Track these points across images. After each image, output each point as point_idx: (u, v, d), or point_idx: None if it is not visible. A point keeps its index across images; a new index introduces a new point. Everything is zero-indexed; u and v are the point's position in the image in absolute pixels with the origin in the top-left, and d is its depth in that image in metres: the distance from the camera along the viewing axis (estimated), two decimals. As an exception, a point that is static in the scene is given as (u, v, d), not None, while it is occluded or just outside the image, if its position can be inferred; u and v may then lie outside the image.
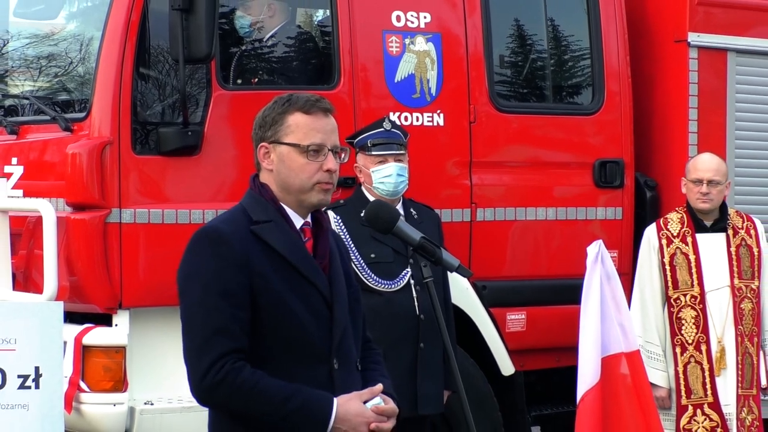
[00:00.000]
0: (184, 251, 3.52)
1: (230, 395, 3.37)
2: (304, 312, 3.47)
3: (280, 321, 3.45)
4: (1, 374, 5.40)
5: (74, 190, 5.87)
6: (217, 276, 3.42)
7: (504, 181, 6.75)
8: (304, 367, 3.46)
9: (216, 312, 3.41)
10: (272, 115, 3.56)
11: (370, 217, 3.96)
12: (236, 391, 3.37)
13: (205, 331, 3.41)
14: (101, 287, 5.84)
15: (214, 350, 3.38)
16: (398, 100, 6.42)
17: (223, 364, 3.36)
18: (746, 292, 6.37)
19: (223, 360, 3.37)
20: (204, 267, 3.45)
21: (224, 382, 3.36)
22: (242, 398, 3.37)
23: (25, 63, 6.97)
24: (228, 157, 6.02)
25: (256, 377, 3.37)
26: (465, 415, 3.83)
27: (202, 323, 3.43)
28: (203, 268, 3.45)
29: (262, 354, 3.44)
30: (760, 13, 7.40)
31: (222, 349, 3.38)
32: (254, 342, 3.44)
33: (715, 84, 7.22)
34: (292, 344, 3.46)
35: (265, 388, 3.37)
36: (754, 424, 6.36)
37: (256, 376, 3.37)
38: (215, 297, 3.41)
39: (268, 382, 3.38)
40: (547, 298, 6.78)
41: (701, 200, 6.36)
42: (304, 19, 6.71)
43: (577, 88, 7.22)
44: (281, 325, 3.45)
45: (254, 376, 3.37)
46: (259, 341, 3.44)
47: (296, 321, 3.46)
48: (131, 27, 5.88)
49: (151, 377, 5.88)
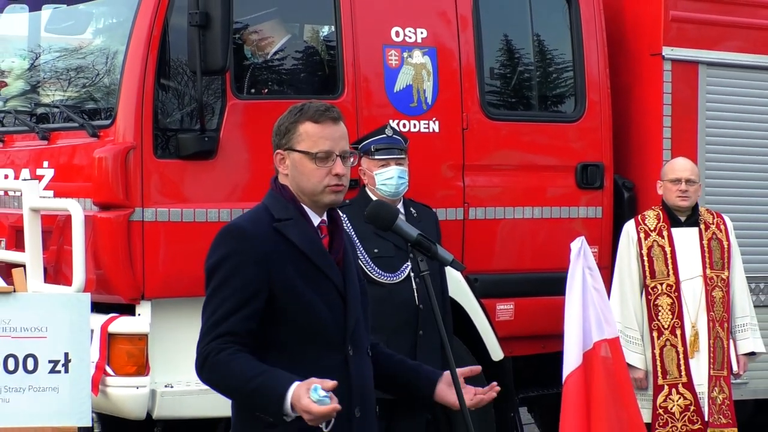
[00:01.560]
0: (210, 246, 3.53)
1: (209, 373, 3.41)
2: (320, 303, 3.47)
3: (299, 311, 3.45)
4: (34, 359, 5.41)
5: (100, 191, 5.87)
6: (235, 270, 3.43)
7: (494, 183, 6.75)
8: (322, 355, 3.46)
9: (226, 302, 3.42)
10: (286, 124, 3.57)
11: (371, 216, 3.95)
12: (213, 370, 3.39)
13: (212, 318, 3.43)
14: (125, 280, 5.83)
15: (210, 335, 3.41)
16: (397, 108, 6.42)
17: (209, 347, 3.39)
18: (717, 281, 6.38)
19: (212, 343, 3.39)
20: (225, 261, 3.45)
21: (206, 361, 3.40)
22: (217, 376, 3.40)
23: (55, 74, 6.96)
24: (241, 160, 6.02)
25: (230, 358, 3.36)
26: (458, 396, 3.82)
27: (212, 311, 3.44)
28: (225, 262, 3.45)
29: (281, 342, 3.44)
30: (729, 29, 7.39)
31: (215, 334, 3.40)
32: (274, 331, 3.44)
33: (687, 94, 7.21)
34: (309, 333, 3.46)
35: (235, 367, 3.36)
36: (725, 402, 6.36)
37: (232, 356, 3.36)
38: (230, 289, 3.42)
39: (240, 362, 3.36)
40: (534, 290, 6.77)
41: (681, 198, 6.38)
42: (311, 34, 6.71)
43: (560, 97, 7.21)
44: (299, 315, 3.45)
45: (230, 356, 3.36)
46: (279, 330, 3.45)
47: (313, 311, 3.46)
48: (153, 42, 5.88)
49: (171, 362, 5.87)
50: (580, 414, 5.61)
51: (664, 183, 6.45)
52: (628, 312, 6.35)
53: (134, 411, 5.82)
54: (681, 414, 6.28)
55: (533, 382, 6.92)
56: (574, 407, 5.60)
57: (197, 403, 5.82)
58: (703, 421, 6.29)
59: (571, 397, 5.60)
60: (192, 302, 5.57)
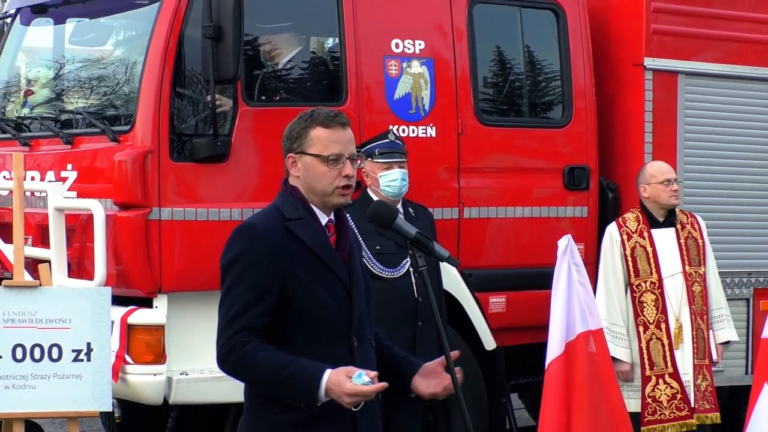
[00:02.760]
0: (225, 244, 3.52)
1: (235, 365, 3.40)
2: (328, 297, 3.47)
3: (307, 305, 3.45)
4: (58, 349, 5.42)
5: (120, 192, 5.87)
6: (249, 266, 3.42)
7: (487, 184, 6.74)
8: (328, 345, 3.46)
9: (242, 298, 3.41)
10: (297, 129, 3.56)
11: (373, 215, 3.95)
12: (239, 362, 3.38)
13: (230, 312, 3.42)
14: (143, 275, 5.83)
15: (232, 329, 3.40)
16: (397, 115, 6.42)
17: (232, 340, 3.38)
18: (696, 277, 6.38)
19: (235, 336, 3.38)
20: (240, 258, 3.45)
21: (231, 353, 3.38)
22: (244, 368, 3.39)
23: (78, 83, 6.96)
24: (252, 163, 6.01)
25: (257, 350, 3.37)
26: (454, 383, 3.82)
27: (229, 306, 3.43)
28: (240, 260, 3.45)
29: (291, 333, 3.44)
30: (706, 41, 7.39)
31: (236, 328, 3.39)
32: (284, 323, 3.44)
33: (667, 102, 7.21)
34: (317, 325, 3.46)
35: (263, 358, 3.36)
36: (708, 389, 6.35)
37: (258, 348, 3.37)
38: (245, 285, 3.42)
39: (267, 353, 3.37)
40: (524, 284, 6.77)
41: (674, 197, 6.38)
42: (317, 45, 6.71)
43: (549, 104, 7.21)
44: (308, 308, 3.45)
45: (256, 349, 3.37)
46: (288, 322, 3.44)
47: (321, 305, 3.46)
48: (169, 53, 5.88)
49: (186, 351, 5.87)
50: (560, 399, 5.60)
51: (653, 185, 6.40)
52: (613, 309, 6.34)
53: (152, 397, 5.82)
54: (669, 402, 6.26)
55: (524, 370, 6.92)
56: (554, 393, 5.58)
57: (210, 389, 5.83)
58: (690, 408, 6.27)
59: (552, 383, 5.59)
60: (206, 296, 5.58)
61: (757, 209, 7.52)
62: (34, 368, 5.37)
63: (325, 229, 3.56)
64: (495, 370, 6.66)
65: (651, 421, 6.22)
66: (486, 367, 6.61)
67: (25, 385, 5.38)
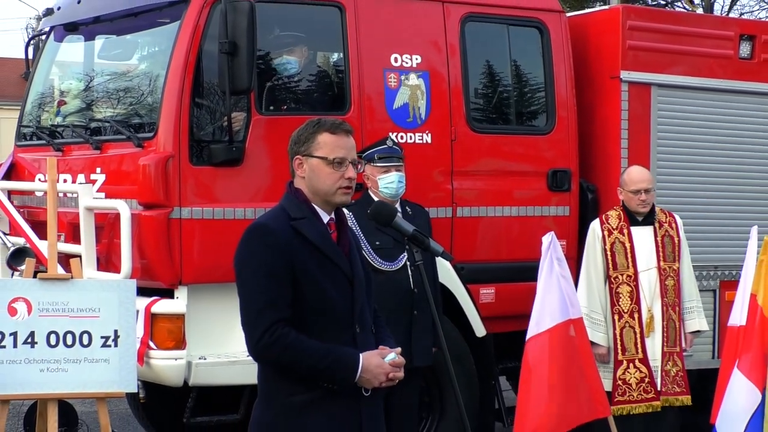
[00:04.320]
0: (239, 242, 3.51)
1: (281, 353, 3.40)
2: (332, 288, 3.47)
3: (314, 296, 3.45)
4: (88, 335, 5.42)
5: (144, 193, 5.87)
6: (265, 261, 3.42)
7: (478, 186, 6.73)
8: (334, 332, 3.47)
9: (266, 289, 3.41)
10: (305, 134, 3.56)
11: (373, 214, 3.95)
12: (286, 350, 3.39)
13: (258, 304, 3.41)
14: (165, 268, 5.83)
15: (267, 319, 3.39)
16: (396, 123, 6.41)
17: (275, 330, 3.37)
18: (669, 272, 6.36)
19: (274, 327, 3.38)
20: (255, 254, 3.45)
21: (276, 343, 3.38)
22: (291, 355, 3.39)
23: (106, 94, 6.95)
24: (264, 167, 6.01)
25: (300, 339, 3.39)
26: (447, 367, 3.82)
27: (256, 299, 3.42)
28: (255, 255, 3.45)
29: (300, 321, 3.44)
30: (676, 56, 7.38)
31: (272, 318, 3.38)
32: (295, 312, 3.44)
33: (642, 111, 7.20)
34: (323, 314, 3.47)
35: (308, 347, 3.39)
36: (678, 374, 6.33)
37: (301, 338, 3.39)
38: (265, 278, 3.41)
39: (310, 342, 3.40)
40: (512, 277, 6.75)
41: (641, 206, 6.38)
42: (322, 60, 6.70)
43: (534, 113, 7.20)
44: (314, 298, 3.45)
45: (299, 338, 3.39)
46: (297, 311, 3.44)
47: (326, 295, 3.46)
48: (189, 66, 5.88)
49: (205, 338, 5.86)
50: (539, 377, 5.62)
51: (625, 192, 6.41)
52: (593, 298, 6.34)
53: (173, 379, 5.82)
54: (637, 385, 6.27)
55: (511, 355, 6.90)
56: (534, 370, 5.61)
57: (226, 372, 5.83)
58: (656, 391, 6.27)
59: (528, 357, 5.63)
60: (223, 287, 5.58)
61: (723, 209, 7.52)
62: (66, 353, 5.37)
63: (327, 227, 3.56)
64: (485, 355, 6.66)
65: (620, 401, 6.23)
66: (477, 352, 6.61)
67: (59, 369, 5.38)
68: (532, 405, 5.54)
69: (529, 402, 5.55)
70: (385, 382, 3.45)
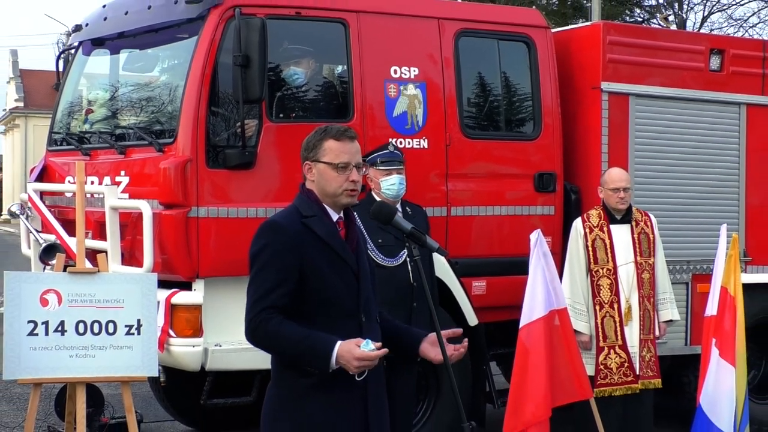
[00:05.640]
0: (254, 237, 3.50)
1: (261, 338, 3.39)
2: (339, 282, 3.46)
3: (323, 288, 3.43)
4: (113, 324, 5.41)
5: (165, 194, 5.85)
6: (274, 256, 3.41)
7: (470, 188, 6.72)
8: (341, 321, 3.44)
9: (267, 281, 3.39)
10: (313, 141, 3.55)
11: (375, 213, 3.93)
12: (264, 335, 3.37)
13: (257, 294, 3.40)
14: (184, 262, 5.82)
15: (257, 307, 3.38)
16: (395, 130, 6.39)
17: (260, 316, 3.36)
18: (645, 266, 6.36)
19: (261, 313, 3.36)
20: (266, 249, 3.43)
21: (258, 328, 3.37)
22: (269, 340, 3.38)
23: (130, 103, 6.95)
24: (274, 170, 5.99)
25: (279, 325, 3.35)
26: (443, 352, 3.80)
27: (256, 288, 3.42)
28: (265, 250, 3.43)
29: (310, 312, 3.42)
30: (652, 68, 7.37)
31: (262, 306, 3.37)
32: (304, 303, 3.42)
33: (621, 119, 7.19)
34: (331, 305, 3.45)
35: (284, 332, 3.35)
36: (651, 359, 6.35)
37: (280, 324, 3.35)
38: (269, 271, 3.40)
39: (288, 328, 3.35)
40: (501, 271, 6.74)
41: (620, 203, 6.37)
42: (328, 71, 6.68)
43: (522, 121, 7.18)
44: (323, 291, 3.43)
45: (278, 324, 3.35)
46: (307, 302, 3.42)
47: (334, 288, 3.44)
48: (205, 78, 5.87)
49: (220, 326, 5.85)
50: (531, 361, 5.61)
51: (605, 190, 6.42)
52: (576, 290, 6.33)
53: (191, 364, 5.81)
54: (617, 369, 6.26)
55: (501, 342, 6.90)
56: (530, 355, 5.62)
57: (240, 358, 5.81)
58: (635, 374, 6.28)
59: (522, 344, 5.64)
60: (236, 280, 5.56)
61: (695, 208, 7.52)
62: (93, 340, 5.36)
63: (336, 225, 3.55)
64: (477, 342, 6.64)
65: (602, 384, 6.23)
66: (469, 340, 6.54)
67: (86, 355, 5.37)
68: (529, 384, 5.54)
69: (527, 381, 5.55)
70: (353, 369, 3.32)
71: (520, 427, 5.51)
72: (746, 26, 28.20)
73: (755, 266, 7.81)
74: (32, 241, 6.92)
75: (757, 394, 7.86)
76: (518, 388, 5.57)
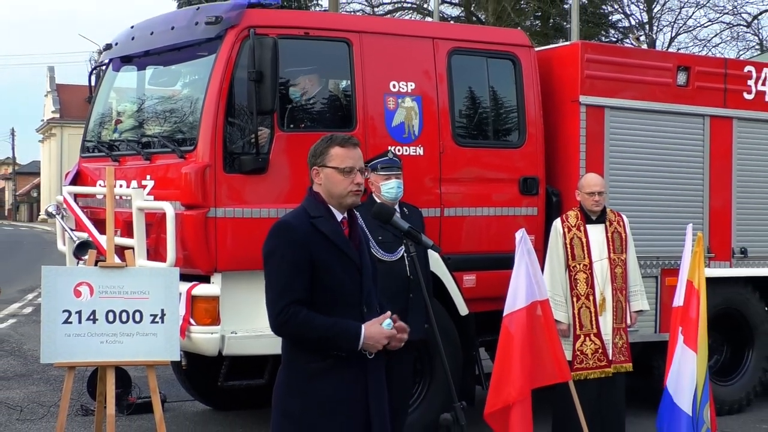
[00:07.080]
0: (267, 236, 3.50)
1: (293, 329, 3.38)
2: (344, 276, 3.46)
3: (329, 281, 3.43)
4: (140, 313, 5.39)
5: (186, 196, 5.85)
6: (286, 252, 3.41)
7: (462, 191, 6.71)
8: (344, 311, 3.45)
9: (284, 276, 3.39)
10: (320, 148, 3.55)
11: (376, 214, 3.93)
12: (295, 326, 3.37)
13: (277, 289, 3.40)
14: (203, 258, 5.81)
15: (283, 301, 3.37)
16: (394, 138, 6.39)
17: (288, 310, 3.36)
18: (618, 262, 6.35)
19: (288, 307, 3.36)
20: (279, 246, 3.43)
21: (289, 321, 3.36)
22: (301, 330, 3.38)
23: (155, 115, 6.95)
24: (285, 175, 5.99)
25: (309, 316, 3.37)
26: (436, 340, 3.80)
27: (276, 284, 3.41)
28: (278, 248, 3.43)
29: (317, 302, 3.42)
30: (626, 83, 7.35)
31: (287, 300, 3.37)
32: (313, 294, 3.42)
33: (597, 129, 7.18)
34: (336, 296, 3.45)
35: (317, 322, 3.37)
36: (623, 346, 6.34)
37: (310, 315, 3.37)
38: (285, 266, 3.40)
39: (317, 318, 3.38)
40: (489, 266, 6.72)
41: (594, 205, 6.36)
42: (333, 86, 6.69)
43: (508, 130, 7.17)
44: (329, 284, 3.43)
45: (308, 315, 3.37)
46: (316, 294, 3.43)
47: (339, 282, 3.45)
48: (223, 92, 5.87)
49: (236, 315, 5.84)
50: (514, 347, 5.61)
51: (582, 194, 6.42)
52: (556, 283, 6.32)
53: (209, 350, 5.81)
54: (592, 355, 6.26)
55: (489, 330, 6.89)
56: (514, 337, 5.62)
57: (254, 344, 5.81)
58: (608, 360, 6.26)
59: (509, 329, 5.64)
60: (251, 274, 5.56)
61: (664, 209, 7.51)
62: (121, 328, 5.35)
63: (341, 224, 3.55)
64: (467, 330, 6.64)
65: (579, 368, 6.22)
66: (460, 328, 6.59)
67: (115, 341, 5.35)
68: (512, 366, 5.54)
69: (510, 364, 5.55)
70: (387, 344, 3.41)
71: (500, 404, 5.53)
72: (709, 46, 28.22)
73: (718, 262, 7.81)
74: (67, 238, 6.92)
75: (720, 377, 7.86)
76: (500, 370, 5.58)
